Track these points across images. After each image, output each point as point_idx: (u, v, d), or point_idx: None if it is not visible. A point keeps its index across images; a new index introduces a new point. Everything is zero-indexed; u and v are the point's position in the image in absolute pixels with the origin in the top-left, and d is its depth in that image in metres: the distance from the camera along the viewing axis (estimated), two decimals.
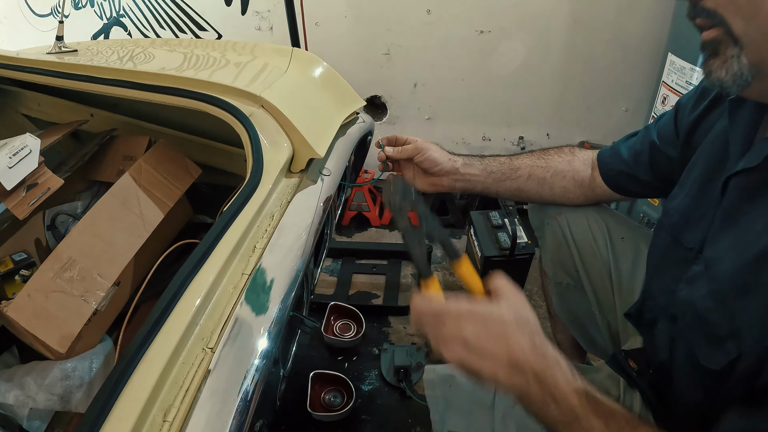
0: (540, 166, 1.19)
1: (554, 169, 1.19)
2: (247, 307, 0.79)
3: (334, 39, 2.35)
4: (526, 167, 1.20)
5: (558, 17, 2.12)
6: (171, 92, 1.11)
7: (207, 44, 1.61)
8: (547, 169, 1.19)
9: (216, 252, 0.81)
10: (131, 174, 1.16)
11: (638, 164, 1.09)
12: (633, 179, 1.11)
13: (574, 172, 1.18)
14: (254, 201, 0.91)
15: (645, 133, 1.09)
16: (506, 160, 1.21)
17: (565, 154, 1.21)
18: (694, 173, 0.90)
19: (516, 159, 1.21)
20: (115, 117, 1.62)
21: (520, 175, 1.20)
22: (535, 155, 1.22)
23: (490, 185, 1.22)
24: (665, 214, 0.96)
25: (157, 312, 0.73)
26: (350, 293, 2.08)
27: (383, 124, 2.57)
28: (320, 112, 1.22)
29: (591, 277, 1.19)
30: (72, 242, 1.06)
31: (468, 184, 1.22)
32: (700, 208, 0.85)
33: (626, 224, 1.20)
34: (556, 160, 1.20)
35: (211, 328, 0.75)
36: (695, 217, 0.86)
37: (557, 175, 1.19)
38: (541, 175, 1.19)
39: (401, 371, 1.69)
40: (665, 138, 1.03)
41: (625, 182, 1.13)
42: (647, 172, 1.07)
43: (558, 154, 1.21)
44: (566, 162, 1.19)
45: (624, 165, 1.11)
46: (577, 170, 1.18)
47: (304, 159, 1.07)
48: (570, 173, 1.18)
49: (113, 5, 2.70)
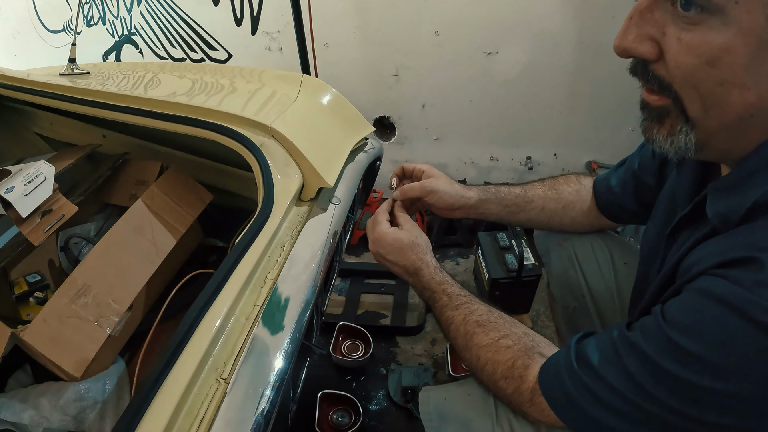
0: (552, 198, 1.21)
1: (565, 201, 1.20)
2: (260, 335, 0.80)
3: (343, 60, 2.35)
4: (540, 199, 1.21)
5: (565, 38, 2.11)
6: (182, 121, 1.13)
7: (216, 70, 1.62)
8: (559, 201, 1.20)
9: (229, 284, 0.83)
10: (144, 200, 1.18)
11: (625, 194, 1.11)
12: (623, 209, 1.13)
13: (582, 203, 1.20)
14: (266, 231, 0.92)
15: (630, 161, 1.11)
16: (521, 192, 1.22)
17: (573, 184, 1.22)
18: (659, 210, 0.94)
19: (530, 190, 1.22)
20: (128, 139, 1.64)
21: (534, 207, 1.21)
22: (547, 185, 1.23)
23: (504, 217, 1.25)
24: (641, 246, 1.00)
25: (173, 344, 0.75)
26: (359, 313, 2.07)
27: (392, 145, 2.57)
28: (329, 140, 1.23)
29: (596, 301, 1.21)
30: (87, 268, 1.08)
31: (482, 216, 1.24)
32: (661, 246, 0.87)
33: (629, 250, 1.23)
34: (566, 191, 1.21)
35: (225, 358, 0.77)
36: (657, 251, 0.88)
37: (568, 207, 1.20)
38: (553, 207, 1.21)
39: (408, 392, 1.68)
40: (645, 166, 1.05)
41: (618, 212, 1.16)
42: (633, 201, 1.10)
43: (567, 184, 1.22)
44: (575, 192, 1.20)
45: (614, 196, 1.13)
46: (584, 200, 1.20)
47: (314, 188, 1.08)
48: (578, 204, 1.20)
49: (125, 23, 2.72)
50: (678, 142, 0.66)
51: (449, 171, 2.59)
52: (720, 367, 0.58)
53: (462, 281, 2.24)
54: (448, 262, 2.42)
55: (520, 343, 0.86)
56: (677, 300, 0.66)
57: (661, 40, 0.61)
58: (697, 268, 0.65)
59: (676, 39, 0.59)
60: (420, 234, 1.10)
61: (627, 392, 0.66)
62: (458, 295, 1.00)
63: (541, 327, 2.00)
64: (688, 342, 0.60)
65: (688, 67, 0.59)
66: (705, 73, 0.58)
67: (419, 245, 1.08)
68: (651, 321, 0.67)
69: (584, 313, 1.24)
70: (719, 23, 0.55)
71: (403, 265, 1.08)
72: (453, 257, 2.45)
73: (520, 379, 0.82)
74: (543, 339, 0.88)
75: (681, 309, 0.64)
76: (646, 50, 0.63)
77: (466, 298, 0.99)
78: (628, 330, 0.70)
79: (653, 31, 0.61)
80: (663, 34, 0.60)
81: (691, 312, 0.62)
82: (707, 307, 0.60)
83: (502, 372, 0.84)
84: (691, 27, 0.57)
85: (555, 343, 0.88)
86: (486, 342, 0.89)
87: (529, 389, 0.80)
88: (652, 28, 0.61)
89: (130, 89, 1.40)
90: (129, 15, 2.69)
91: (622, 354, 0.68)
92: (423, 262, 1.06)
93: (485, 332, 0.90)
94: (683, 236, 0.77)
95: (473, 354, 0.90)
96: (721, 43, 0.56)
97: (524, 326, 0.91)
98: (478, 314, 0.94)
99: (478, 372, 0.90)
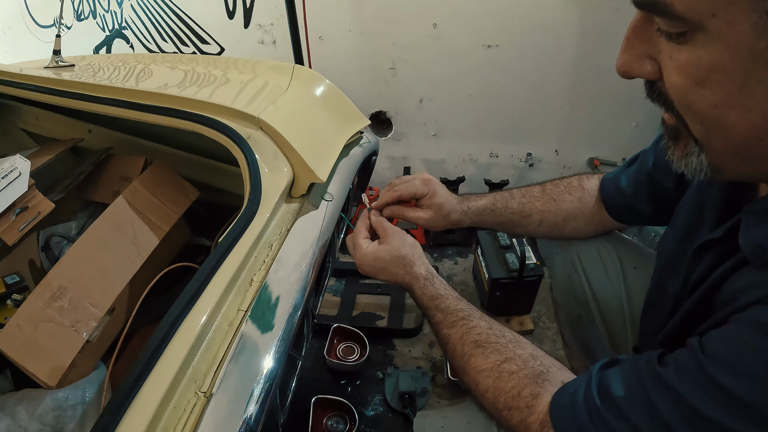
0: (551, 211, 1.13)
1: (566, 213, 1.13)
2: (245, 343, 0.74)
3: (338, 53, 2.33)
4: (537, 213, 1.14)
5: (567, 30, 2.08)
6: (166, 113, 1.07)
7: (209, 61, 1.57)
8: (558, 213, 1.13)
9: (211, 287, 0.77)
10: (125, 197, 1.12)
11: (638, 196, 1.03)
12: (635, 212, 1.05)
13: (585, 210, 1.12)
14: (252, 229, 0.87)
15: (643, 159, 1.02)
16: (518, 208, 1.15)
17: (574, 191, 1.14)
18: (680, 218, 0.86)
19: (528, 204, 1.15)
20: (114, 134, 1.59)
21: (531, 222, 1.15)
22: (547, 194, 1.15)
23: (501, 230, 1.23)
24: (657, 254, 0.93)
25: (146, 354, 0.68)
26: (354, 314, 2.02)
27: (388, 141, 2.55)
28: (322, 133, 1.17)
29: (602, 308, 1.13)
30: (63, 269, 1.03)
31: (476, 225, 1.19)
32: (682, 257, 0.80)
33: (638, 252, 1.15)
34: (566, 200, 1.13)
35: (205, 369, 0.71)
36: (678, 265, 0.81)
37: (569, 218, 1.13)
38: (552, 221, 1.14)
39: (406, 397, 1.63)
40: (661, 166, 0.96)
41: (628, 215, 1.08)
42: (647, 204, 1.02)
43: (568, 192, 1.14)
44: (576, 200, 1.13)
45: (624, 198, 1.05)
46: (587, 206, 1.12)
47: (305, 183, 1.02)
48: (581, 212, 1.13)
49: (115, 17, 2.69)
50: (691, 163, 0.59)
51: (447, 168, 2.58)
52: None
53: (461, 281, 2.25)
54: (446, 261, 2.37)
55: (527, 367, 0.77)
56: (721, 332, 0.58)
57: (658, 57, 0.55)
58: (747, 297, 0.57)
59: (669, 57, 0.53)
60: (403, 243, 1.01)
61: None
62: (453, 310, 0.91)
63: (542, 328, 1.95)
64: (733, 382, 0.53)
65: (680, 88, 0.53)
66: (696, 95, 0.52)
67: (404, 257, 1.00)
68: (687, 356, 0.59)
69: (589, 320, 1.17)
70: (704, 39, 0.49)
71: (394, 281, 1.01)
72: (451, 256, 2.40)
73: (527, 410, 0.73)
74: (552, 362, 0.79)
75: (726, 343, 0.56)
76: (646, 71, 0.57)
77: (463, 313, 0.90)
78: (660, 364, 0.61)
79: (650, 49, 0.55)
80: (659, 51, 0.55)
81: (739, 347, 0.54)
82: (762, 342, 0.52)
83: (505, 401, 0.76)
84: (680, 45, 0.51)
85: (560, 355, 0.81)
86: (486, 366, 0.80)
87: (538, 422, 0.71)
88: (648, 46, 0.55)
89: (114, 81, 1.34)
90: (120, 9, 2.66)
91: (651, 391, 0.60)
92: (411, 276, 0.99)
93: (484, 354, 0.81)
94: (712, 255, 0.69)
95: (471, 379, 0.82)
96: (708, 62, 0.49)
97: (530, 345, 0.82)
98: (476, 333, 0.85)
99: (478, 397, 0.82)
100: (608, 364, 0.70)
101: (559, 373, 0.76)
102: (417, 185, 1.10)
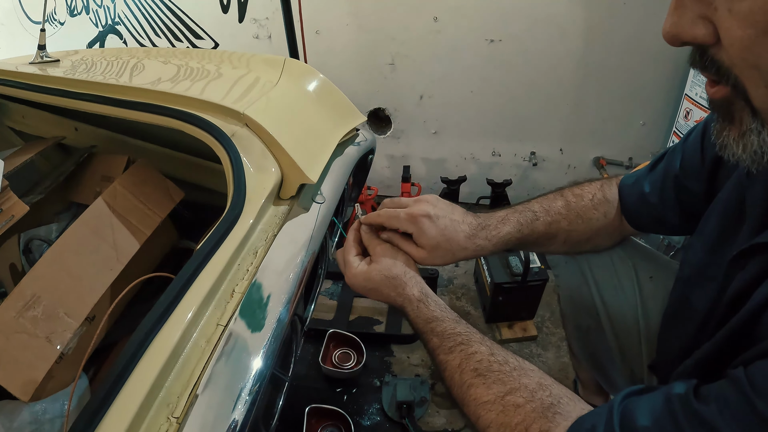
0: (578, 231, 1.00)
1: (591, 232, 1.01)
2: (224, 362, 0.67)
3: (335, 48, 2.28)
4: (563, 234, 1.01)
5: (572, 25, 2.03)
6: (145, 109, 1.01)
7: (204, 55, 1.51)
8: (584, 233, 1.01)
9: (187, 299, 0.70)
10: (105, 199, 1.06)
11: (665, 204, 0.92)
12: (662, 223, 0.95)
13: (609, 226, 1.01)
14: (235, 235, 0.81)
15: (669, 161, 0.92)
16: (543, 230, 1.00)
17: (600, 205, 1.00)
18: (710, 223, 0.78)
19: (553, 224, 0.99)
20: (100, 132, 1.53)
21: (555, 242, 1.02)
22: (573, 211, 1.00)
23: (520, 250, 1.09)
24: (681, 264, 0.86)
25: (114, 373, 0.62)
26: (351, 318, 1.96)
27: (387, 139, 2.50)
28: (314, 130, 1.11)
29: (614, 321, 1.05)
30: (37, 277, 0.97)
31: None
32: (713, 267, 0.73)
33: (655, 260, 1.06)
34: (593, 217, 1.00)
35: (178, 392, 0.64)
36: (707, 275, 0.75)
37: (593, 237, 1.02)
38: (576, 240, 1.02)
39: (404, 406, 1.58)
40: (690, 168, 0.87)
41: (652, 224, 0.97)
42: (675, 213, 0.92)
43: (594, 206, 1.00)
44: (602, 216, 1.00)
45: (649, 206, 0.94)
46: (611, 222, 1.01)
47: (294, 184, 0.96)
48: (605, 229, 1.01)
49: (108, 13, 2.64)
50: (750, 145, 0.52)
51: (448, 167, 2.53)
52: None
53: (461, 284, 2.18)
54: None
55: (535, 399, 0.68)
56: None
57: (713, 16, 0.48)
58: None
59: (728, 11, 0.46)
60: (394, 263, 0.92)
61: None
62: (451, 334, 0.82)
63: (546, 334, 1.89)
64: None
65: (744, 42, 0.46)
66: (764, 47, 0.45)
67: (395, 277, 0.90)
68: (731, 390, 0.52)
69: (600, 333, 1.09)
70: None
71: (386, 302, 0.93)
72: None
73: None
74: (563, 391, 0.70)
75: None
76: (700, 32, 0.50)
77: (462, 338, 0.80)
78: (697, 399, 0.54)
79: (703, 8, 0.49)
80: (714, 9, 0.48)
81: None
82: None
83: None
84: None
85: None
86: (488, 398, 0.71)
87: None
88: (700, 4, 0.49)
89: (97, 76, 1.29)
90: (113, 4, 2.61)
91: (687, 431, 0.53)
92: (403, 298, 0.89)
93: (486, 384, 0.73)
94: (758, 263, 0.62)
95: (472, 412, 0.73)
96: None
97: (537, 372, 0.73)
98: (476, 360, 0.76)
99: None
100: (632, 394, 0.62)
101: (571, 404, 0.68)
102: (401, 219, 0.94)
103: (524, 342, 1.86)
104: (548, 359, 1.79)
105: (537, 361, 1.77)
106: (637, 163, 2.23)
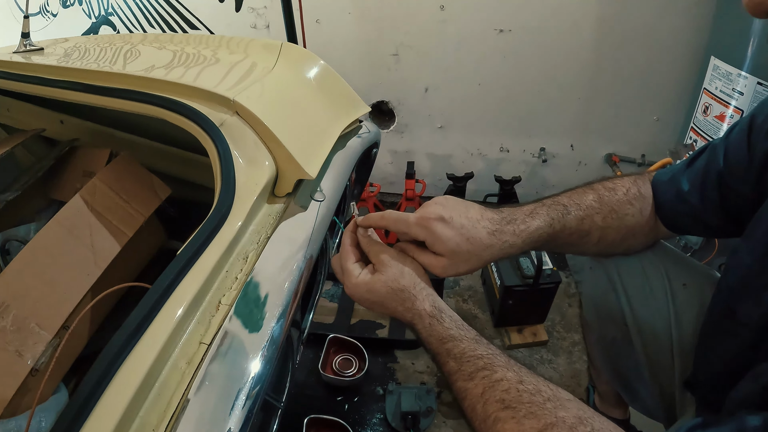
0: (613, 228, 0.90)
1: (626, 229, 0.91)
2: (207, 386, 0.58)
3: (336, 38, 2.25)
4: (597, 231, 0.89)
5: (585, 15, 1.99)
6: (123, 95, 0.92)
7: (200, 41, 1.43)
8: (620, 230, 0.90)
9: (165, 312, 0.61)
10: (82, 196, 0.97)
11: (706, 205, 0.83)
12: (701, 224, 0.86)
13: (644, 225, 0.91)
14: (222, 237, 0.72)
15: (711, 157, 0.82)
16: (576, 226, 0.88)
17: (636, 200, 0.90)
18: (762, 227, 0.70)
19: (586, 219, 0.88)
20: (86, 124, 1.46)
21: (589, 241, 0.91)
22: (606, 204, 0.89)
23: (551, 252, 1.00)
24: (724, 271, 0.77)
25: (79, 399, 0.53)
26: (352, 322, 1.90)
27: (390, 133, 2.45)
28: (313, 121, 1.02)
29: (644, 332, 0.95)
30: (6, 284, 0.88)
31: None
32: (764, 275, 0.66)
33: (687, 267, 0.96)
34: (629, 212, 0.90)
35: (154, 422, 0.55)
36: (757, 284, 0.68)
37: (628, 235, 0.92)
38: (611, 239, 0.91)
39: (409, 417, 1.52)
40: (736, 168, 0.78)
41: (690, 226, 0.88)
42: (717, 214, 0.82)
43: (629, 201, 0.90)
44: (638, 213, 0.90)
45: (687, 206, 0.85)
46: (647, 221, 0.91)
47: (290, 180, 0.87)
48: (640, 228, 0.91)
49: (102, 3, 2.61)
50: None
51: (454, 162, 2.49)
52: None
53: (468, 286, 2.10)
54: None
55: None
56: None
57: None
58: None
59: None
60: (401, 272, 0.81)
61: None
62: (471, 357, 0.71)
63: (557, 339, 1.82)
64: None
65: None
66: None
67: (402, 290, 0.79)
68: None
69: (627, 344, 1.00)
70: None
71: (393, 317, 0.82)
72: None
73: None
74: (607, 424, 0.60)
75: None
76: None
77: (484, 361, 0.70)
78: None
79: None
80: None
81: None
82: None
83: None
84: None
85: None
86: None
87: None
88: None
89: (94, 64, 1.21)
90: None
91: None
92: (413, 313, 0.79)
93: (516, 419, 0.62)
94: None
95: None
96: None
97: (575, 403, 0.63)
98: (502, 389, 0.65)
99: None
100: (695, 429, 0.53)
101: None
102: (410, 225, 0.82)
103: (534, 347, 1.80)
104: (559, 365, 1.72)
105: (548, 368, 1.70)
106: (651, 160, 2.18)
